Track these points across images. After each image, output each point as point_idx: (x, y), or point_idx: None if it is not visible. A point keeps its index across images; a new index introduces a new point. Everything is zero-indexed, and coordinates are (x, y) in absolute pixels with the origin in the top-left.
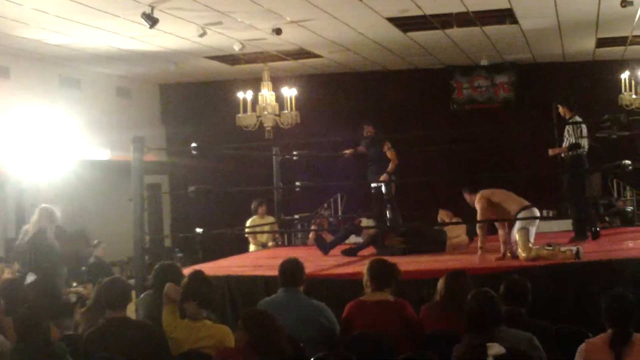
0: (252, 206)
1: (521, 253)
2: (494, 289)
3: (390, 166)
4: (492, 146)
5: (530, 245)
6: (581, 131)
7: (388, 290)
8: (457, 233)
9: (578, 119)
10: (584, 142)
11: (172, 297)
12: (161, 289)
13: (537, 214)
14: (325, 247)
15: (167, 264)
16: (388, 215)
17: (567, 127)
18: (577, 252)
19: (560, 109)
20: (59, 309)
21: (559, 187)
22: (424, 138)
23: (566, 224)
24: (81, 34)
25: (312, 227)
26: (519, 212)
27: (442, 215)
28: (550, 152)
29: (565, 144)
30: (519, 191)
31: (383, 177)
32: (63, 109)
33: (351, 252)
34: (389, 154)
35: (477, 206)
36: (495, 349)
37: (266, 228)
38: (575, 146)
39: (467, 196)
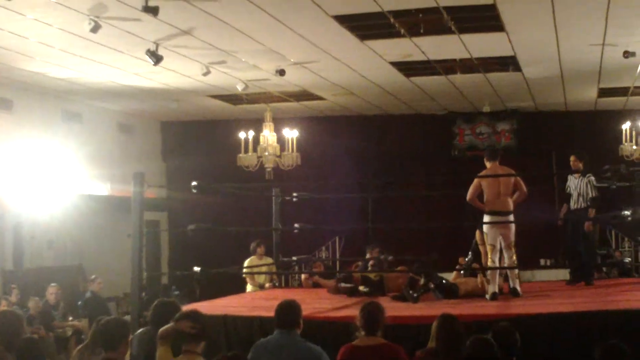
0: (251, 247)
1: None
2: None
3: None
4: None
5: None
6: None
7: (379, 333)
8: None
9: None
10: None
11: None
12: (158, 326)
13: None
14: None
15: (165, 300)
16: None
17: (588, 181)
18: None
19: (575, 161)
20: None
21: (555, 237)
22: (425, 183)
23: (562, 274)
24: (85, 68)
25: (307, 270)
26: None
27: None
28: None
29: (584, 198)
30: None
31: None
32: (64, 142)
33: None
34: None
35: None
36: None
37: (264, 269)
38: (596, 200)
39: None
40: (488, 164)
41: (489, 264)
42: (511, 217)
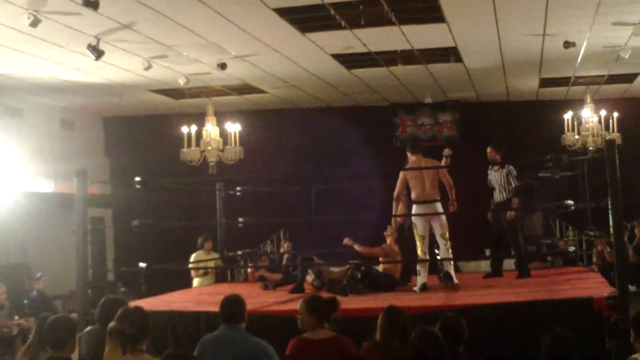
0: (198, 241)
1: None
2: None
3: None
4: None
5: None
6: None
7: (328, 326)
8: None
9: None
10: None
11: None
12: (106, 323)
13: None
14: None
15: (113, 298)
16: None
17: (507, 172)
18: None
19: (492, 152)
20: None
21: (489, 229)
22: (367, 174)
23: (508, 263)
24: (25, 63)
25: (253, 265)
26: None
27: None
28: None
29: (506, 189)
30: (453, 228)
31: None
32: (5, 138)
33: (297, 289)
34: None
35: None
36: None
37: (210, 264)
38: (517, 190)
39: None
40: (412, 157)
41: (420, 254)
42: (438, 206)
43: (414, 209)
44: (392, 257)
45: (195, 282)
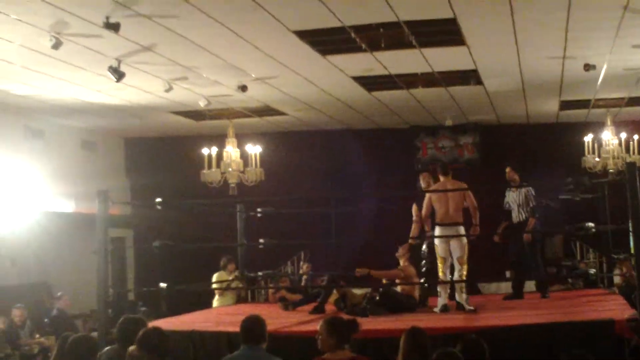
0: (222, 262)
1: None
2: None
3: None
4: None
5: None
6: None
7: (347, 347)
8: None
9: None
10: None
11: None
12: (125, 343)
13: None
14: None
15: (132, 317)
16: None
17: (525, 191)
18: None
19: (510, 172)
20: None
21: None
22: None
23: (529, 285)
24: (47, 85)
25: (274, 285)
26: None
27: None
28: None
29: (525, 209)
30: (474, 250)
31: None
32: (27, 159)
33: (318, 309)
34: None
35: None
36: None
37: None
38: (535, 210)
39: None
40: (441, 179)
41: (441, 276)
42: (461, 229)
43: (437, 230)
44: (409, 278)
45: (216, 302)
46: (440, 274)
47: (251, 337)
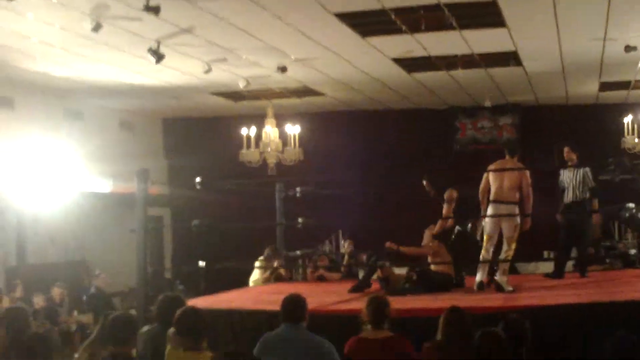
0: (265, 252)
1: None
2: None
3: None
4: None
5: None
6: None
7: (386, 326)
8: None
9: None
10: None
11: None
12: (165, 322)
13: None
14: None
15: (171, 295)
16: None
17: (582, 172)
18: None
19: (569, 152)
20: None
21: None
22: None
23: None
24: (86, 67)
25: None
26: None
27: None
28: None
29: (580, 189)
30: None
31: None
32: (66, 140)
33: (357, 289)
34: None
35: None
36: None
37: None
38: (596, 190)
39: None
40: (507, 157)
41: (483, 253)
42: (514, 208)
43: (489, 208)
44: (440, 256)
45: (253, 280)
46: (483, 251)
47: (292, 315)
